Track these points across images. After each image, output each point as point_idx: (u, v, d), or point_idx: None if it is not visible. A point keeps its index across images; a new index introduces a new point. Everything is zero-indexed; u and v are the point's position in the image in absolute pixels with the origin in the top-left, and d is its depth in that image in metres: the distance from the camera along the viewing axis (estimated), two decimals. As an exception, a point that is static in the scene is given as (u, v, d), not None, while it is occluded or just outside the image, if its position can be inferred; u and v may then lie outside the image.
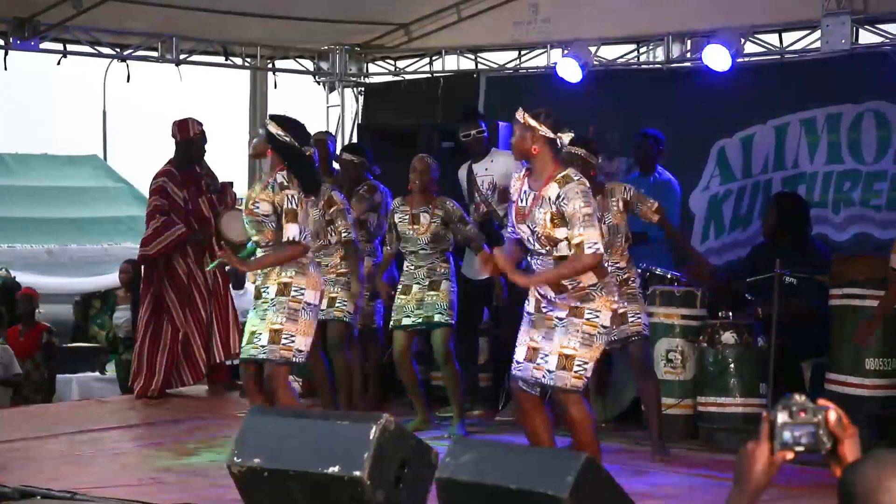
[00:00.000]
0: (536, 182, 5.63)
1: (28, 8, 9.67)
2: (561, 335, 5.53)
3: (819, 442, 2.29)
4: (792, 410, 2.30)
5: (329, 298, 7.86)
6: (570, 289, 5.55)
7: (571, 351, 5.50)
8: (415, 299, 7.74)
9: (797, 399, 2.31)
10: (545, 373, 5.54)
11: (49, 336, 11.90)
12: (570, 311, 5.54)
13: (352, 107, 11.79)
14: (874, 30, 9.11)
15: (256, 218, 6.34)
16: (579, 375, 5.53)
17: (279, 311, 6.22)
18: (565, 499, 4.00)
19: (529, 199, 5.62)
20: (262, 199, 6.30)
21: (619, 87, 10.09)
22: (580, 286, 5.55)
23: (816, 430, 2.29)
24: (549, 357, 5.53)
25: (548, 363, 5.53)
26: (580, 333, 5.51)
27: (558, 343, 5.52)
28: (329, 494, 4.43)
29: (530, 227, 5.59)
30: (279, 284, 6.25)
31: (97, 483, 6.28)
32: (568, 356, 5.50)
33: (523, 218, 5.62)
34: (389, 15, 11.13)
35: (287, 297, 6.22)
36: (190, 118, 9.44)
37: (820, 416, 2.30)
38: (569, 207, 5.49)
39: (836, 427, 2.30)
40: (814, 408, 2.30)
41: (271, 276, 6.28)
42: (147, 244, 9.37)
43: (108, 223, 16.60)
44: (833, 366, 7.48)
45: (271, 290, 6.27)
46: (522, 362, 5.63)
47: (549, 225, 5.52)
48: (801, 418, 2.30)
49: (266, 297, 6.29)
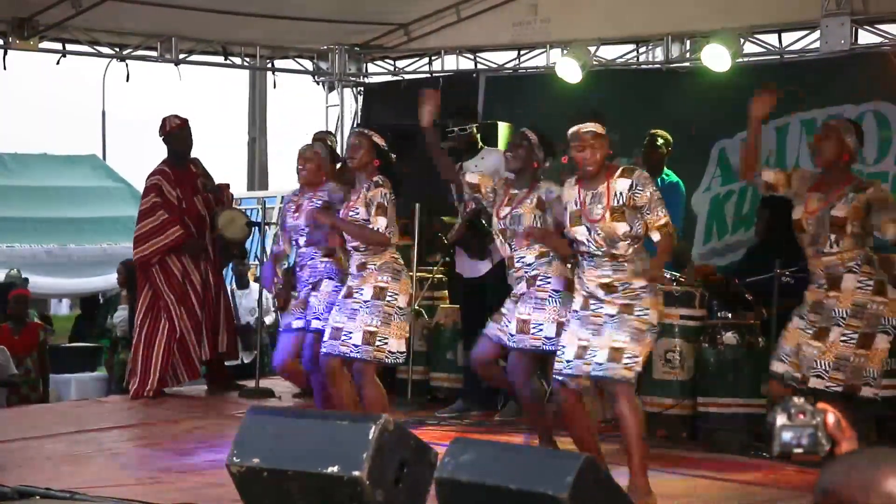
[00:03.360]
0: (594, 182, 5.80)
1: (27, 7, 9.67)
2: (611, 330, 5.67)
3: (818, 444, 2.32)
4: (791, 413, 2.33)
5: None
6: (621, 290, 5.71)
7: (622, 344, 5.63)
8: None
9: (796, 402, 2.34)
10: (594, 365, 5.67)
11: (45, 335, 11.90)
12: (621, 308, 5.69)
13: (351, 106, 11.80)
14: (874, 30, 9.12)
15: (357, 223, 6.76)
16: (629, 367, 5.64)
17: (374, 313, 6.63)
18: (565, 499, 4.00)
19: (588, 199, 5.79)
20: (357, 205, 6.77)
21: (619, 87, 10.09)
22: (631, 287, 5.71)
23: (815, 433, 2.32)
24: (598, 351, 5.67)
25: (597, 357, 5.66)
26: (631, 328, 5.65)
27: (609, 337, 5.66)
28: (328, 494, 4.43)
29: (588, 227, 5.75)
30: (375, 288, 6.66)
31: (96, 483, 6.27)
32: (618, 349, 5.63)
33: (580, 220, 5.80)
34: (389, 15, 11.14)
35: (382, 302, 6.64)
36: (169, 115, 9.41)
37: (818, 419, 2.32)
38: (645, 193, 5.71)
39: (834, 430, 2.33)
40: (812, 410, 2.33)
41: (369, 279, 6.69)
42: (142, 243, 9.36)
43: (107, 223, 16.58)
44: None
45: (366, 293, 6.67)
46: (573, 361, 5.75)
47: (608, 219, 5.69)
48: (800, 420, 2.32)
49: (358, 298, 6.68)
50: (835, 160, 5.94)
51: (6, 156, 17.96)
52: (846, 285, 5.89)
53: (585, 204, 5.80)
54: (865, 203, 5.87)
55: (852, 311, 5.86)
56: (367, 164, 6.84)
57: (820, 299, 5.96)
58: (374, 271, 6.71)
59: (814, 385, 5.83)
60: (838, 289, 5.91)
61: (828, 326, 5.89)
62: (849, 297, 5.88)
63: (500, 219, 6.58)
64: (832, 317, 5.89)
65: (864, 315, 5.86)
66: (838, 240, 5.89)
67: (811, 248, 6.01)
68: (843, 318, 5.87)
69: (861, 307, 5.86)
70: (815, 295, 6.00)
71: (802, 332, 5.97)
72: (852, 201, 5.87)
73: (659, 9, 9.94)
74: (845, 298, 5.88)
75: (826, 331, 5.89)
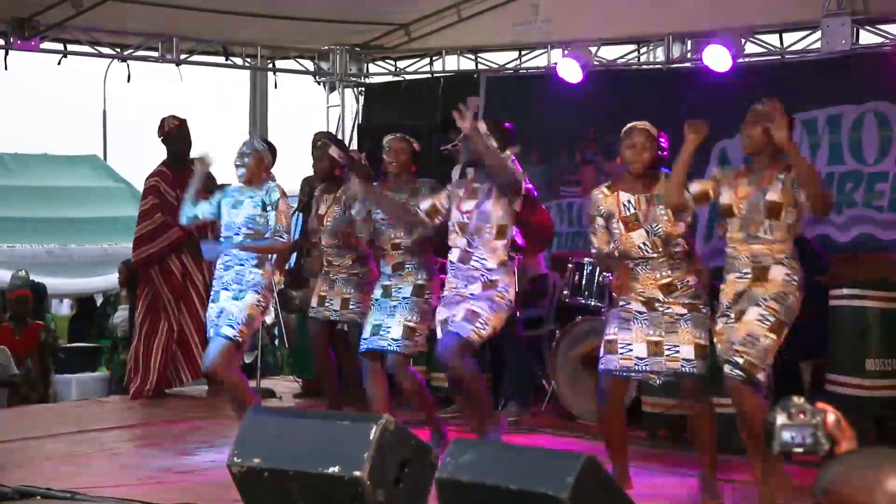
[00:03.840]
0: (639, 185, 6.02)
1: (28, 8, 9.66)
2: (690, 327, 5.91)
3: (817, 444, 2.32)
4: (791, 412, 2.34)
5: (342, 300, 7.84)
6: (680, 289, 5.95)
7: (705, 342, 5.92)
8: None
9: (796, 401, 2.35)
10: (683, 362, 5.90)
11: (47, 335, 11.90)
12: (688, 307, 5.94)
13: (352, 107, 11.79)
14: (874, 30, 9.11)
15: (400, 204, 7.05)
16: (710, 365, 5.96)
17: (413, 310, 6.94)
18: (565, 499, 4.00)
19: (640, 203, 5.98)
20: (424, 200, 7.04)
21: (620, 87, 10.08)
22: (688, 285, 5.96)
23: (815, 432, 2.32)
24: (681, 347, 5.90)
25: (681, 353, 5.90)
26: (704, 326, 5.95)
27: (690, 335, 5.91)
28: (329, 494, 4.42)
29: (648, 230, 5.95)
30: (415, 286, 7.00)
31: (97, 483, 6.27)
32: (703, 346, 5.91)
33: (635, 225, 5.97)
34: (389, 15, 11.14)
35: (420, 299, 6.96)
36: (168, 116, 9.41)
37: (818, 418, 2.33)
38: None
39: (834, 429, 2.33)
40: (812, 410, 2.34)
41: (408, 278, 7.03)
42: (140, 246, 9.36)
43: (107, 223, 16.59)
44: (833, 366, 7.47)
45: (405, 290, 7.00)
46: (647, 357, 5.94)
47: (672, 219, 5.92)
48: (800, 420, 2.33)
49: (397, 297, 7.00)
50: (763, 146, 5.81)
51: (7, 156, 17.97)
52: (774, 276, 5.71)
53: (640, 206, 5.95)
54: (792, 182, 5.69)
55: (775, 295, 5.67)
56: (408, 165, 7.18)
57: (743, 290, 5.74)
58: (413, 270, 7.05)
59: (719, 353, 5.75)
60: (766, 279, 5.71)
61: (748, 307, 5.70)
62: (776, 287, 5.68)
63: (463, 213, 6.63)
64: (754, 298, 5.70)
65: (784, 304, 5.68)
66: (772, 227, 5.71)
67: (740, 234, 5.78)
68: (764, 300, 5.68)
69: (784, 296, 5.68)
70: (735, 286, 5.77)
71: (726, 325, 5.77)
72: (783, 182, 5.71)
73: (660, 9, 9.93)
74: (772, 287, 5.69)
75: (745, 311, 5.70)
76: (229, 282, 7.11)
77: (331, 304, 7.90)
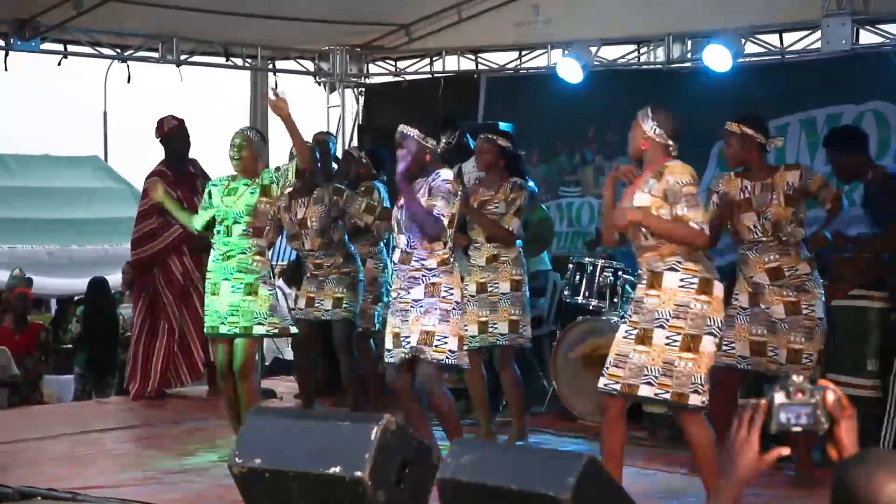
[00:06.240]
0: (757, 173, 6.30)
1: (29, 8, 9.66)
2: (787, 331, 6.19)
3: (817, 422, 2.27)
4: (789, 391, 2.28)
5: (334, 299, 7.87)
6: (788, 276, 6.21)
7: (798, 346, 6.20)
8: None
9: (794, 380, 2.29)
10: (779, 366, 6.18)
11: (46, 335, 11.91)
12: (788, 307, 6.18)
13: (352, 107, 11.80)
14: (874, 30, 9.11)
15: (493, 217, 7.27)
16: (806, 367, 6.16)
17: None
18: (566, 500, 4.00)
19: (756, 189, 6.27)
20: (497, 200, 7.25)
21: (620, 87, 10.08)
22: (797, 274, 6.22)
23: (814, 411, 2.27)
24: (779, 351, 6.21)
25: (779, 356, 6.20)
26: (803, 329, 6.20)
27: (786, 338, 6.20)
28: (330, 495, 4.43)
29: (759, 214, 6.22)
30: (512, 281, 7.23)
31: (98, 483, 6.28)
32: (797, 351, 6.19)
33: (748, 208, 6.25)
34: (390, 15, 11.14)
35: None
36: (166, 116, 9.40)
37: (818, 397, 2.27)
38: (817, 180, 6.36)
39: (834, 407, 2.28)
40: (811, 388, 2.28)
41: (503, 273, 7.22)
42: (139, 246, 9.36)
43: (108, 224, 16.61)
44: (833, 366, 7.46)
45: (503, 287, 7.22)
46: (750, 357, 6.25)
47: (784, 205, 6.18)
48: (799, 399, 2.27)
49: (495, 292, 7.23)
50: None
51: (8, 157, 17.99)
52: (667, 283, 5.37)
53: (756, 192, 6.25)
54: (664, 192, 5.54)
55: (674, 311, 5.32)
56: (494, 164, 7.29)
57: (641, 297, 5.43)
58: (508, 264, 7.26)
59: (644, 393, 5.36)
60: (659, 286, 5.38)
61: (651, 328, 5.35)
62: (671, 296, 5.35)
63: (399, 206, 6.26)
64: (655, 318, 5.36)
65: (687, 315, 5.32)
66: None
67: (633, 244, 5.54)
68: (666, 320, 5.34)
69: (684, 307, 5.32)
70: (637, 292, 5.51)
71: (625, 339, 5.42)
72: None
73: (660, 9, 9.94)
74: (667, 298, 5.35)
75: (649, 333, 5.35)
76: (231, 271, 6.95)
77: (321, 304, 7.94)
